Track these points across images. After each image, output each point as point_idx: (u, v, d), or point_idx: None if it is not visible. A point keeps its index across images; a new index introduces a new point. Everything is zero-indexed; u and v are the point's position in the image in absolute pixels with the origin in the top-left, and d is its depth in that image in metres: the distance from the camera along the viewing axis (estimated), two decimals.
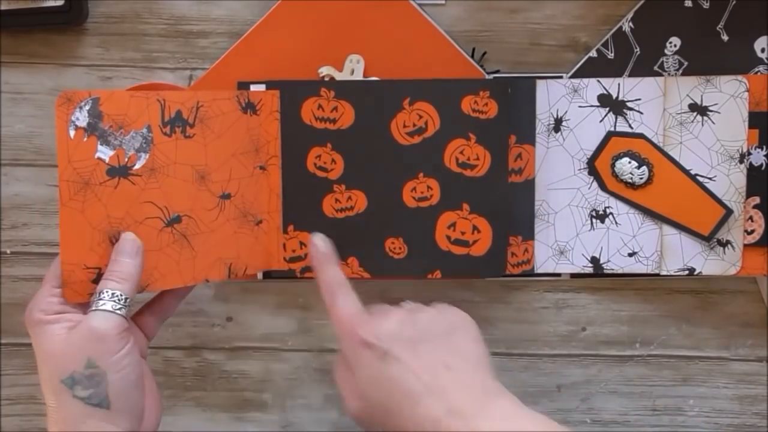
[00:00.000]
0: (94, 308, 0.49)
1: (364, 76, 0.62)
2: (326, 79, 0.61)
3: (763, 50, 0.61)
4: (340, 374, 0.53)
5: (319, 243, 0.58)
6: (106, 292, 0.50)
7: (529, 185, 0.62)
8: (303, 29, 0.62)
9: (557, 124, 0.62)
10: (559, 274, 0.64)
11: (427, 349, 0.51)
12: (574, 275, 0.64)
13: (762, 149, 0.61)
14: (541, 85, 0.62)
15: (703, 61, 0.61)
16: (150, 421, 0.52)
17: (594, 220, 0.62)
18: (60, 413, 0.49)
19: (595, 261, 0.63)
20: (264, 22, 0.62)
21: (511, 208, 0.61)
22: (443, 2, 0.63)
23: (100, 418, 0.48)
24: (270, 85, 0.60)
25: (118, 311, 0.49)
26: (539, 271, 0.63)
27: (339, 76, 0.61)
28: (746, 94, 0.60)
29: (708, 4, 0.61)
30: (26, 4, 0.60)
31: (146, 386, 0.53)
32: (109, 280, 0.50)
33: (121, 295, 0.50)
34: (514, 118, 0.61)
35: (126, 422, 0.49)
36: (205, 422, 0.66)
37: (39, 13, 0.61)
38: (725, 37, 0.61)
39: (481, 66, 0.63)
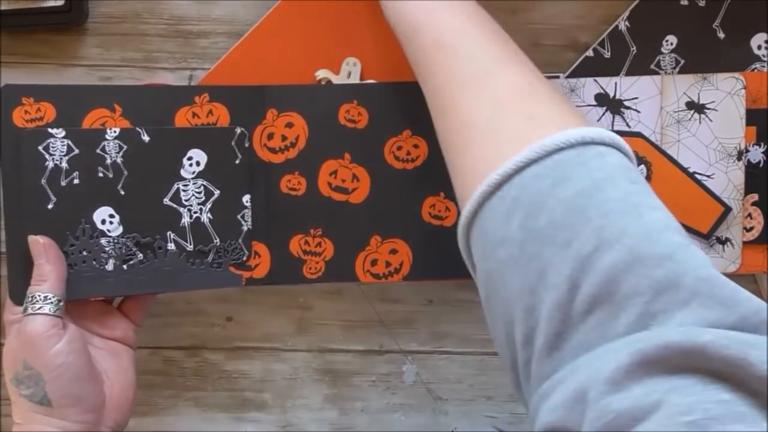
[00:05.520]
0: (25, 313, 0.52)
1: (361, 78, 0.62)
2: (323, 82, 0.61)
3: (759, 47, 0.61)
4: None
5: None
6: (30, 296, 0.53)
7: None
8: (302, 30, 0.61)
9: None
10: None
11: None
12: None
13: (760, 146, 0.61)
14: None
15: (700, 59, 0.61)
16: (114, 411, 0.55)
17: None
18: (15, 408, 0.53)
19: None
20: (264, 22, 0.62)
21: None
22: None
23: (45, 413, 0.52)
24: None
25: (44, 311, 0.52)
26: None
27: (336, 80, 0.61)
28: (743, 91, 0.60)
29: (704, 2, 0.61)
30: (26, 4, 0.60)
31: (111, 376, 0.56)
32: (32, 285, 0.53)
33: (42, 295, 0.52)
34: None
35: (77, 415, 0.53)
36: (205, 422, 0.66)
37: (39, 13, 0.60)
38: (721, 35, 0.61)
39: None
